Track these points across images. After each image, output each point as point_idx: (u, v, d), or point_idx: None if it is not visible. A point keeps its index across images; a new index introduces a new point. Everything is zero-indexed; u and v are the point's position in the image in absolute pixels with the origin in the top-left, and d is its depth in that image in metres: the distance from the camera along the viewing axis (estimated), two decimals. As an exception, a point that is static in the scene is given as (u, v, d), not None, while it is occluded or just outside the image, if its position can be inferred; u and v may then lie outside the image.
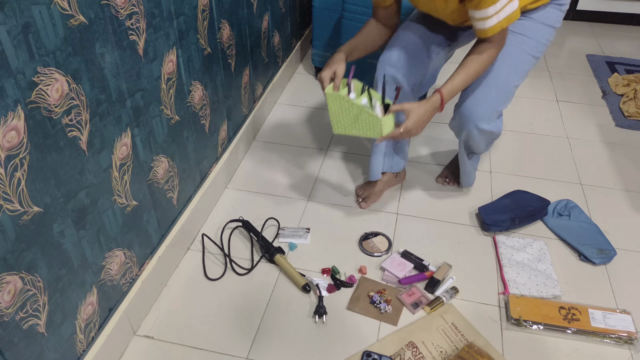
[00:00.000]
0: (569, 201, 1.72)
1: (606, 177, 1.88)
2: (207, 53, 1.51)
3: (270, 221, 1.66)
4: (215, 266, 1.51)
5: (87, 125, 1.02)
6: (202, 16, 1.44)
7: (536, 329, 1.33)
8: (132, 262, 1.28)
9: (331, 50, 2.31)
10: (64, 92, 0.93)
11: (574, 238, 1.58)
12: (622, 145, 2.06)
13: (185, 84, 1.41)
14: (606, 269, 1.51)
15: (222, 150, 1.77)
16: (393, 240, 1.60)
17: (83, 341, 1.13)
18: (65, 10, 0.90)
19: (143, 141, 1.24)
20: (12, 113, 0.82)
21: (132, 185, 1.22)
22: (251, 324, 1.34)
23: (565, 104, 2.32)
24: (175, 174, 1.44)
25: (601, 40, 2.94)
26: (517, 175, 1.88)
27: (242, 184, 1.82)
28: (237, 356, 1.27)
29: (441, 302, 1.38)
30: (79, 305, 1.09)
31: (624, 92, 2.37)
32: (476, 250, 1.57)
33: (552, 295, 1.41)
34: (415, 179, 1.85)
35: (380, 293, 1.41)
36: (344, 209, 1.72)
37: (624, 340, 1.30)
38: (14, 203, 0.86)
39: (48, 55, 0.88)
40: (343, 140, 2.05)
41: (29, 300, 0.94)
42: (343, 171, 1.89)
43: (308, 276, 1.46)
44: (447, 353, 1.27)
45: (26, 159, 0.87)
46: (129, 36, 1.11)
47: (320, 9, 2.23)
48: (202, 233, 1.61)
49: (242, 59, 1.81)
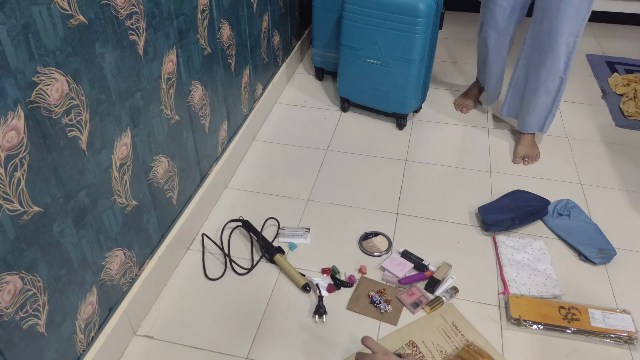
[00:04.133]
0: (569, 201, 1.72)
1: (606, 177, 1.88)
2: (207, 53, 1.51)
3: (270, 221, 1.66)
4: (215, 266, 1.51)
5: (87, 125, 1.02)
6: (202, 16, 1.44)
7: (536, 329, 1.33)
8: (132, 262, 1.28)
9: (331, 50, 2.31)
10: (64, 92, 0.93)
11: (574, 238, 1.58)
12: (622, 145, 2.05)
13: (185, 84, 1.41)
14: (606, 269, 1.51)
15: (222, 150, 1.77)
16: (393, 240, 1.60)
17: (83, 341, 1.13)
18: (65, 10, 0.90)
19: (143, 141, 1.24)
20: (12, 113, 0.82)
21: (132, 185, 1.22)
22: (251, 324, 1.34)
23: (565, 104, 2.32)
24: (175, 174, 1.44)
25: (601, 40, 2.94)
26: (517, 175, 1.88)
27: (242, 184, 1.82)
28: (237, 356, 1.27)
29: (441, 301, 1.38)
30: (79, 305, 1.09)
31: (624, 92, 2.37)
32: (476, 250, 1.57)
33: (552, 295, 1.41)
34: (415, 179, 1.85)
35: (380, 293, 1.41)
36: (344, 209, 1.72)
37: (624, 340, 1.30)
38: (13, 203, 0.86)
39: (48, 55, 0.88)
40: (343, 140, 2.05)
41: (29, 300, 0.94)
42: (343, 171, 1.89)
43: (308, 276, 1.46)
44: (447, 353, 1.27)
45: (26, 159, 0.87)
46: (129, 36, 1.11)
47: (320, 9, 2.23)
48: (202, 233, 1.61)
49: (242, 59, 1.82)
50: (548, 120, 1.91)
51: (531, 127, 1.92)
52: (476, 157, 1.96)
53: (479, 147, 2.02)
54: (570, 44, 1.68)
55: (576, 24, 1.64)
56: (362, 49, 1.98)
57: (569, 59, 1.72)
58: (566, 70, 1.74)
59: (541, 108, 1.87)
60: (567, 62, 1.73)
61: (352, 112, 2.23)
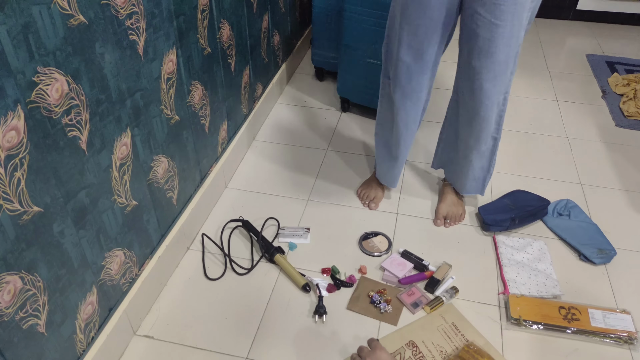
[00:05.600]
0: (569, 201, 1.72)
1: (606, 177, 1.88)
2: (207, 53, 1.51)
3: (270, 221, 1.66)
4: (215, 266, 1.51)
5: (87, 125, 1.02)
6: (202, 16, 1.44)
7: (536, 329, 1.33)
8: (132, 262, 1.28)
9: (331, 50, 2.31)
10: (64, 92, 0.93)
11: (574, 238, 1.58)
12: (622, 145, 2.05)
13: (185, 84, 1.41)
14: (606, 268, 1.51)
15: (222, 150, 1.77)
16: (393, 240, 1.60)
17: (83, 341, 1.13)
18: (65, 10, 0.90)
19: (143, 141, 1.24)
20: (12, 113, 0.82)
21: (132, 185, 1.22)
22: (251, 324, 1.34)
23: (565, 104, 2.32)
24: (175, 174, 1.44)
25: (601, 40, 2.94)
26: (517, 175, 1.88)
27: (242, 184, 1.82)
28: (237, 356, 1.27)
29: (441, 301, 1.38)
30: (79, 305, 1.09)
31: (624, 92, 2.37)
32: (476, 250, 1.57)
33: (552, 295, 1.41)
34: (415, 179, 1.85)
35: (380, 293, 1.41)
36: (344, 209, 1.72)
37: (624, 340, 1.30)
38: (13, 203, 0.86)
39: (48, 55, 0.88)
40: (343, 140, 2.05)
41: (29, 300, 0.94)
42: (343, 171, 1.89)
43: (308, 276, 1.46)
44: (447, 353, 1.27)
45: (26, 159, 0.87)
46: (129, 36, 1.11)
47: (320, 9, 2.23)
48: (202, 233, 1.61)
49: (242, 59, 1.82)
50: (486, 180, 1.66)
51: (468, 191, 1.69)
52: (476, 157, 1.96)
53: (479, 147, 2.02)
54: (500, 102, 1.41)
55: (504, 80, 1.35)
56: (362, 49, 1.98)
57: (500, 117, 1.46)
58: (499, 128, 1.49)
59: (477, 171, 1.62)
60: (499, 120, 1.47)
61: (352, 112, 2.23)
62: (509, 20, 1.24)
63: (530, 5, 1.27)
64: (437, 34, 1.33)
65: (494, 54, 1.29)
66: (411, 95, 1.44)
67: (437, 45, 1.36)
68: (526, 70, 2.60)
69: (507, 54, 1.30)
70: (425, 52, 1.36)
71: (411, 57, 1.37)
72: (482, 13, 1.25)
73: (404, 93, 1.44)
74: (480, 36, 1.28)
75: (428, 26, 1.32)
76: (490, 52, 1.29)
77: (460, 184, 1.68)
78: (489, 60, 1.30)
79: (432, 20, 1.31)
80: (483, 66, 1.32)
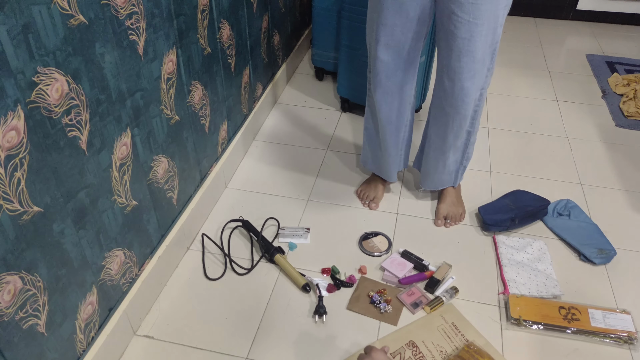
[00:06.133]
0: (569, 201, 1.73)
1: (606, 177, 1.88)
2: (207, 53, 1.51)
3: (270, 221, 1.66)
4: (215, 266, 1.51)
5: (87, 125, 1.02)
6: (202, 16, 1.44)
7: (536, 329, 1.33)
8: (132, 262, 1.28)
9: (331, 50, 2.31)
10: (64, 92, 0.93)
11: (573, 238, 1.58)
12: (622, 145, 2.06)
13: (185, 84, 1.41)
14: (606, 268, 1.51)
15: (222, 150, 1.77)
16: (393, 240, 1.60)
17: (83, 341, 1.13)
18: (65, 10, 0.90)
19: (143, 141, 1.24)
20: (12, 113, 0.82)
21: (132, 185, 1.22)
22: (251, 324, 1.34)
23: (565, 103, 2.32)
24: (175, 174, 1.44)
25: (601, 40, 2.94)
26: (517, 175, 1.88)
27: (242, 184, 1.82)
28: (237, 356, 1.27)
29: (441, 301, 1.38)
30: (79, 305, 1.09)
31: (624, 92, 2.37)
32: (476, 250, 1.57)
33: (552, 295, 1.41)
34: (415, 179, 1.85)
35: (380, 293, 1.41)
36: (344, 209, 1.72)
37: (624, 340, 1.30)
38: (13, 203, 0.86)
39: (48, 55, 0.88)
40: (343, 140, 2.05)
41: (29, 300, 0.94)
42: (343, 171, 1.89)
43: (308, 276, 1.46)
44: (447, 353, 1.27)
45: (26, 159, 0.87)
46: (129, 36, 1.11)
47: (320, 9, 2.23)
48: (202, 233, 1.61)
49: (242, 59, 1.82)
50: (460, 173, 1.67)
51: (442, 184, 1.69)
52: (476, 157, 1.96)
53: (479, 147, 2.02)
54: (476, 98, 1.42)
55: (481, 77, 1.36)
56: (362, 49, 1.98)
57: (476, 112, 1.47)
58: (473, 123, 1.51)
59: (451, 165, 1.62)
60: (474, 115, 1.48)
61: (352, 112, 2.23)
62: (486, 19, 1.26)
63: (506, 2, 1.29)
64: (413, 31, 1.35)
65: (473, 52, 1.30)
66: (392, 92, 1.47)
67: (414, 42, 1.38)
68: (526, 70, 2.61)
69: (484, 52, 1.32)
70: (402, 49, 1.38)
71: (389, 55, 1.39)
72: (460, 14, 1.26)
73: (385, 91, 1.47)
74: (459, 37, 1.29)
75: (404, 25, 1.34)
76: (469, 51, 1.30)
77: (433, 180, 1.68)
78: (469, 59, 1.31)
79: (407, 18, 1.32)
80: (463, 66, 1.33)
